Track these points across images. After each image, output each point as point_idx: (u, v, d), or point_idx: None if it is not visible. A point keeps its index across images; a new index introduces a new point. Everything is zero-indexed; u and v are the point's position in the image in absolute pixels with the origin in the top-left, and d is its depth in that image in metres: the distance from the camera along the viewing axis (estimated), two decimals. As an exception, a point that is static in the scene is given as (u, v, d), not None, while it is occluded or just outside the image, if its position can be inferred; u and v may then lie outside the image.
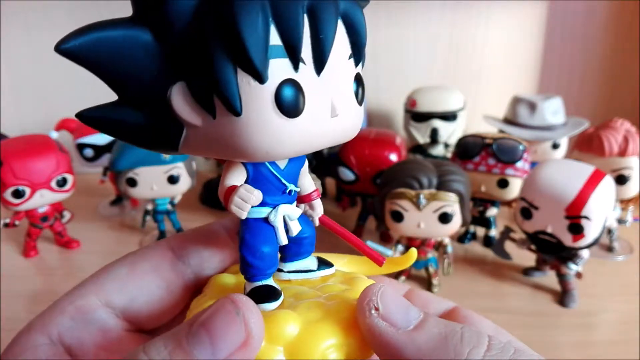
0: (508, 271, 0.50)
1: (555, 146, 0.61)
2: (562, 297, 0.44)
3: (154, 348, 0.15)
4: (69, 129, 0.61)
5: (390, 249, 0.46)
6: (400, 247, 0.47)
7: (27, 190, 0.50)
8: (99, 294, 0.19)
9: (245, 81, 0.15)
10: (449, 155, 0.63)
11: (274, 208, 0.18)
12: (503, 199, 0.51)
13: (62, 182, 0.52)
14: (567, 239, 0.41)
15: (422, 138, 0.64)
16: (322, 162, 0.62)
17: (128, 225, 0.63)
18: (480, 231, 0.56)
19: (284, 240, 0.18)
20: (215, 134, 0.16)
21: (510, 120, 0.63)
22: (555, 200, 0.40)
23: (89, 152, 0.60)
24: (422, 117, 0.63)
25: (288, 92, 0.15)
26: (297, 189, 0.19)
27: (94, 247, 0.57)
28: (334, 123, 0.17)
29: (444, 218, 0.42)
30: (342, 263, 0.22)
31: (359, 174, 0.52)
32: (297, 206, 0.20)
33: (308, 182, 0.20)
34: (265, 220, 0.18)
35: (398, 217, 0.43)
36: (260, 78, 0.15)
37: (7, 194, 0.49)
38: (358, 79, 0.17)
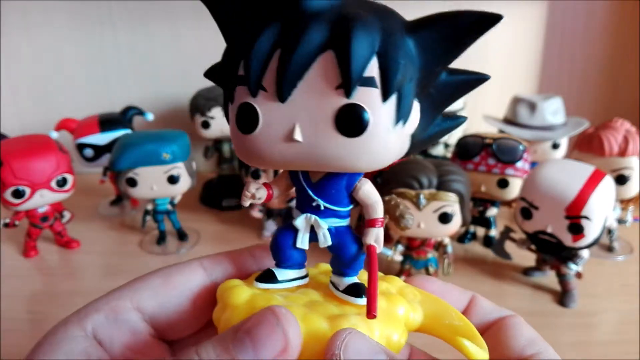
0: (508, 271, 0.50)
1: (555, 146, 0.61)
2: (562, 297, 0.44)
3: (204, 350, 0.17)
4: (69, 129, 0.61)
5: (390, 249, 0.46)
6: (400, 247, 0.47)
7: (27, 190, 0.50)
8: (132, 298, 0.21)
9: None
10: (449, 155, 0.63)
11: (303, 214, 0.20)
12: (503, 199, 0.51)
13: (62, 182, 0.52)
14: (567, 239, 0.41)
15: (422, 138, 0.64)
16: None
17: (128, 225, 0.63)
18: (480, 231, 0.56)
19: (301, 244, 0.20)
20: None
21: (510, 120, 0.63)
22: (555, 200, 0.40)
23: (89, 152, 0.60)
24: (422, 117, 0.63)
25: (242, 113, 0.18)
26: (328, 206, 0.20)
27: (94, 247, 0.57)
28: (298, 147, 0.18)
29: (444, 218, 0.42)
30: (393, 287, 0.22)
31: (359, 174, 0.52)
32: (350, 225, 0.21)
33: (370, 208, 0.20)
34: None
35: (398, 217, 0.43)
36: (230, 100, 0.19)
37: (7, 194, 0.49)
38: (349, 109, 0.17)
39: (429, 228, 0.43)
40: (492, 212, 0.54)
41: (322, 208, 0.20)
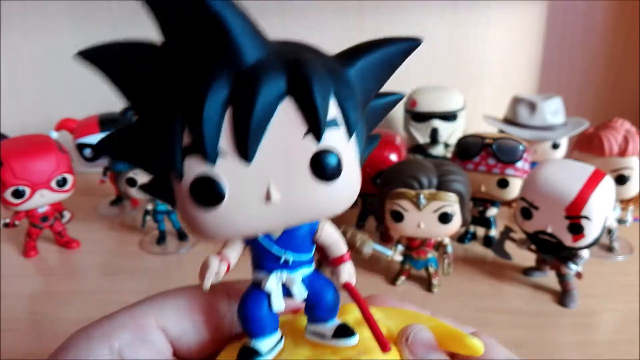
0: (508, 271, 0.50)
1: (555, 146, 0.61)
2: (562, 297, 0.44)
3: None
4: (69, 129, 0.61)
5: (390, 249, 0.46)
6: (400, 247, 0.47)
7: (27, 190, 0.50)
8: (157, 317, 0.20)
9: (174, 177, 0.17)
10: (449, 155, 0.63)
11: (270, 272, 0.19)
12: (503, 199, 0.51)
13: (62, 182, 0.52)
14: (567, 239, 0.41)
15: (422, 138, 0.64)
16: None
17: (128, 225, 0.63)
18: (480, 231, 0.56)
19: (278, 306, 0.19)
20: None
21: (510, 120, 0.63)
22: (555, 200, 0.40)
23: (89, 152, 0.60)
24: (422, 117, 0.63)
25: (200, 186, 0.16)
26: (297, 258, 0.19)
27: (94, 247, 0.57)
28: (276, 207, 0.17)
29: (444, 218, 0.42)
30: (391, 315, 0.22)
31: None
32: (318, 269, 0.20)
33: (334, 247, 0.20)
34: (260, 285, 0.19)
35: (398, 217, 0.43)
36: (179, 176, 0.16)
37: (7, 194, 0.49)
38: (324, 154, 0.17)
39: (429, 228, 0.43)
40: (492, 212, 0.54)
41: (291, 262, 0.19)
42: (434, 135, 0.63)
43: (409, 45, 0.18)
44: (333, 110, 0.17)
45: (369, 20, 0.75)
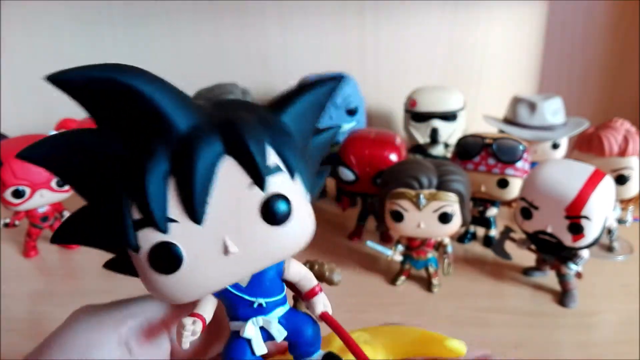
0: (508, 271, 0.50)
1: (555, 146, 0.61)
2: (562, 297, 0.44)
3: None
4: (69, 129, 0.61)
5: (390, 249, 0.46)
6: (400, 247, 0.47)
7: (27, 190, 0.50)
8: (164, 314, 0.21)
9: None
10: (449, 155, 0.63)
11: (246, 321, 0.19)
12: (503, 199, 0.51)
13: (62, 182, 0.52)
14: (567, 239, 0.41)
15: (422, 138, 0.64)
16: (322, 162, 0.62)
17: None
18: (480, 231, 0.56)
19: (260, 350, 0.19)
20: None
21: (510, 120, 0.63)
22: (555, 200, 0.40)
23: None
24: (422, 117, 0.63)
25: (158, 254, 0.17)
26: (269, 300, 0.20)
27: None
28: (235, 259, 0.17)
29: (444, 218, 0.42)
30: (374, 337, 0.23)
31: (359, 174, 0.52)
32: (295, 305, 0.21)
33: (303, 281, 0.21)
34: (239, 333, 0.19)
35: (398, 217, 0.43)
36: (135, 250, 0.17)
37: (7, 194, 0.49)
38: (271, 200, 0.18)
39: (428, 228, 0.43)
40: (492, 212, 0.54)
41: (265, 305, 0.19)
42: (434, 135, 0.63)
43: (333, 84, 0.20)
44: (272, 158, 0.18)
45: (369, 20, 0.75)
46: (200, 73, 0.78)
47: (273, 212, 0.18)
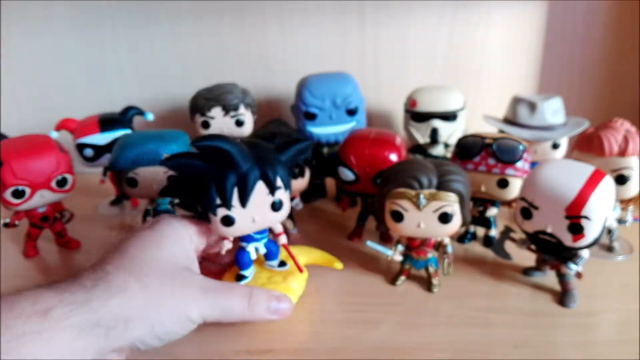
0: (508, 271, 0.50)
1: (555, 146, 0.61)
2: (562, 297, 0.44)
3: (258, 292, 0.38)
4: (69, 129, 0.61)
5: (390, 249, 0.46)
6: (400, 247, 0.47)
7: (27, 190, 0.50)
8: (188, 228, 0.39)
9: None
10: (449, 155, 0.63)
11: (249, 243, 0.42)
12: (503, 199, 0.51)
13: (62, 182, 0.52)
14: (567, 239, 0.41)
15: (422, 138, 0.64)
16: (322, 162, 0.62)
17: (128, 225, 0.63)
18: (480, 231, 0.56)
19: (253, 256, 0.43)
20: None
21: (510, 120, 0.63)
22: (555, 200, 0.40)
23: (89, 152, 0.60)
24: (422, 117, 0.63)
25: (224, 219, 0.37)
26: (260, 236, 0.42)
27: (94, 247, 0.57)
28: (257, 224, 0.39)
29: (444, 218, 0.42)
30: (306, 256, 0.47)
31: (359, 174, 0.52)
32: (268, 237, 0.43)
33: (277, 228, 0.43)
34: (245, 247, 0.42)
35: (398, 217, 0.43)
36: (215, 214, 0.37)
37: (7, 194, 0.49)
38: (276, 201, 0.39)
39: (428, 228, 0.43)
40: (492, 212, 0.54)
41: (258, 237, 0.42)
42: (434, 135, 0.63)
43: (309, 144, 0.42)
44: (278, 182, 0.38)
45: (369, 20, 0.75)
46: (200, 73, 0.78)
47: (275, 206, 0.39)
